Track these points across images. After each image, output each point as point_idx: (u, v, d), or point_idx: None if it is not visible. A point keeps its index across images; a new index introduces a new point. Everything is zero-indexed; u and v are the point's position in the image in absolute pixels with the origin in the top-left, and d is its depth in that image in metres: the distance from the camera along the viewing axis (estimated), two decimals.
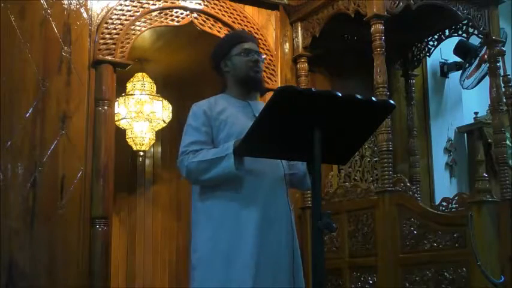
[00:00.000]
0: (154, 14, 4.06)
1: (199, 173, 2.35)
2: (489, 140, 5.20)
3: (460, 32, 4.75)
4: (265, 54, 4.26)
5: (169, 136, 5.53)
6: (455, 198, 4.00)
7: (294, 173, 2.52)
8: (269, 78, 4.37)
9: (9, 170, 3.44)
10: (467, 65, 5.36)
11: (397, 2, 4.00)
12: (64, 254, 3.51)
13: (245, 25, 4.37)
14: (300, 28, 4.58)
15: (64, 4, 3.77)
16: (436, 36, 4.96)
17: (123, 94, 5.04)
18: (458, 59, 5.44)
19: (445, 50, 5.38)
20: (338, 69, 4.77)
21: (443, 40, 4.93)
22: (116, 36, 3.87)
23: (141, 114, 4.98)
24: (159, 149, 5.63)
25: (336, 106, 1.94)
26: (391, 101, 2.13)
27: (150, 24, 4.05)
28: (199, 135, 2.41)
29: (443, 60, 5.58)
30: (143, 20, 4.01)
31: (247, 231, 2.31)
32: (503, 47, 4.46)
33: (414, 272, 3.56)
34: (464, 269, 3.34)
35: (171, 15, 4.13)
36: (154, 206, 5.51)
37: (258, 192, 2.36)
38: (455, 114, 5.55)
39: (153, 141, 5.23)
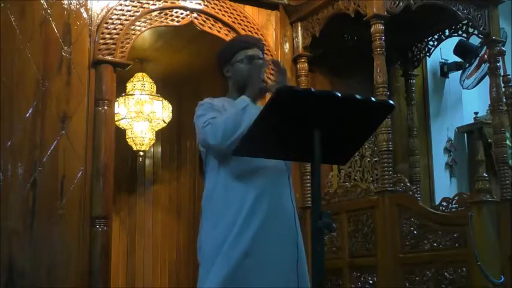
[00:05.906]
0: (154, 14, 4.06)
1: (228, 129, 2.30)
2: (489, 140, 5.20)
3: (460, 32, 4.75)
4: (265, 54, 4.23)
5: (169, 136, 5.54)
6: (455, 198, 4.00)
7: None
8: (268, 78, 4.36)
9: (9, 170, 3.44)
10: (467, 65, 5.36)
11: (397, 2, 4.00)
12: (64, 254, 3.50)
13: (245, 25, 4.37)
14: (300, 28, 4.57)
15: (64, 4, 3.77)
16: (436, 36, 4.96)
17: (123, 94, 5.04)
18: (458, 59, 5.44)
19: (445, 50, 5.38)
20: (338, 69, 4.77)
21: (443, 40, 4.93)
22: (116, 36, 3.87)
23: (141, 114, 4.98)
24: (159, 149, 5.63)
25: (335, 106, 1.94)
26: (391, 101, 2.13)
27: (150, 24, 4.05)
28: (213, 112, 2.40)
29: (443, 60, 5.58)
30: (143, 20, 4.01)
31: (243, 227, 2.31)
32: (503, 47, 4.45)
33: (414, 272, 3.56)
34: (464, 269, 3.34)
35: (171, 15, 4.13)
36: (154, 206, 5.51)
37: (261, 189, 2.36)
38: (455, 114, 5.55)
39: (153, 141, 5.23)
